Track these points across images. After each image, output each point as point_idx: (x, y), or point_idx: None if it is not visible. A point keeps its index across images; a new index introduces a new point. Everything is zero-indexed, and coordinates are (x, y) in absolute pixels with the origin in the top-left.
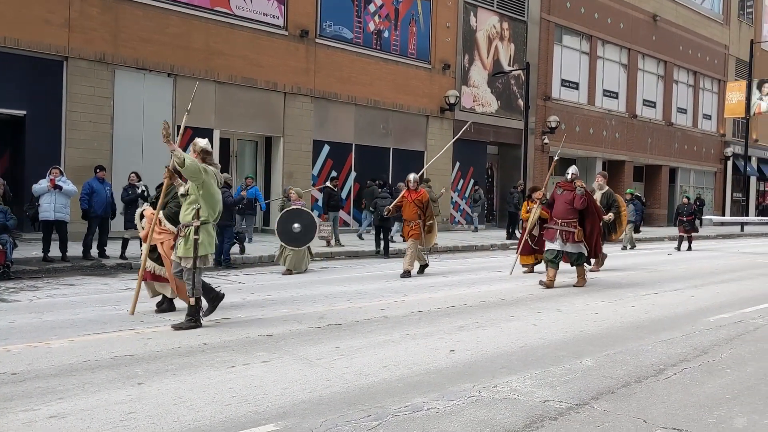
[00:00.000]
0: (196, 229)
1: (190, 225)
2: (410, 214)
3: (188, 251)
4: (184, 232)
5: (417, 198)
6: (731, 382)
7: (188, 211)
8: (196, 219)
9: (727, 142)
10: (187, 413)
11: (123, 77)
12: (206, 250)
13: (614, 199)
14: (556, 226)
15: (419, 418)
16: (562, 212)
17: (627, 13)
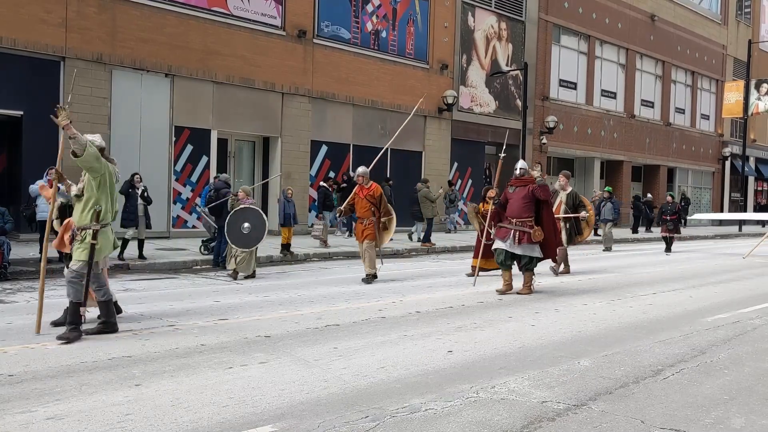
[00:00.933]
0: (94, 233)
1: (88, 228)
2: (363, 211)
3: (82, 255)
4: (81, 236)
5: (369, 194)
6: (729, 383)
7: (86, 212)
8: (95, 222)
9: (725, 142)
10: (184, 414)
11: (120, 77)
12: (101, 255)
13: (580, 200)
14: (511, 225)
15: (417, 419)
16: (517, 210)
17: (625, 13)
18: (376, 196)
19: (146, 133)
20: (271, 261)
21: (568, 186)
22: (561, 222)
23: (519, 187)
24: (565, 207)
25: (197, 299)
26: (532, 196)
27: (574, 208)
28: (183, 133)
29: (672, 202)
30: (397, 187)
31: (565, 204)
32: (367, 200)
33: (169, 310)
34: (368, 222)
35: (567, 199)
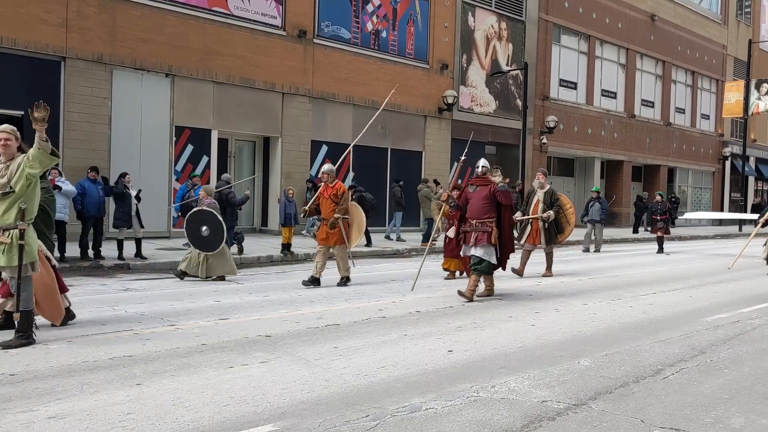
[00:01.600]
0: (21, 233)
1: (14, 228)
2: (327, 212)
3: (12, 259)
4: (5, 237)
5: (333, 193)
6: (729, 382)
7: (10, 211)
8: (21, 221)
9: (725, 142)
10: (185, 414)
11: (120, 77)
12: (32, 257)
13: (557, 198)
14: (471, 228)
15: (417, 418)
16: (477, 211)
17: (625, 13)
18: (339, 195)
19: (147, 132)
20: (271, 261)
21: (546, 184)
22: (540, 222)
23: (480, 187)
24: (543, 206)
25: (198, 299)
26: (494, 197)
27: (551, 207)
28: (183, 133)
29: (661, 202)
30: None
31: (543, 203)
32: (332, 200)
33: (169, 309)
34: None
35: (544, 198)
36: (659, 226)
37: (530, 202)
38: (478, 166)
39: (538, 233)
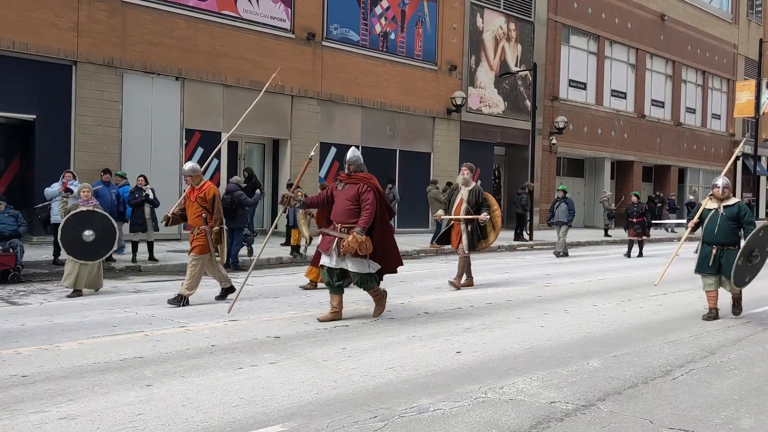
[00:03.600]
0: None
1: None
2: (193, 218)
3: None
4: None
5: (200, 196)
6: (739, 383)
7: None
8: None
9: (736, 141)
10: (195, 414)
11: (131, 81)
12: None
13: (484, 197)
14: (335, 231)
15: (425, 419)
16: (343, 213)
17: (635, 13)
18: (208, 199)
19: (157, 135)
20: (280, 262)
21: (472, 181)
22: (462, 224)
23: (348, 185)
24: (467, 206)
25: (207, 300)
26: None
27: (477, 208)
28: (194, 136)
29: (638, 203)
30: (405, 189)
31: (467, 202)
32: (199, 204)
33: (179, 311)
34: (198, 232)
35: (469, 197)
36: (636, 230)
37: (453, 201)
38: (347, 157)
39: (459, 237)
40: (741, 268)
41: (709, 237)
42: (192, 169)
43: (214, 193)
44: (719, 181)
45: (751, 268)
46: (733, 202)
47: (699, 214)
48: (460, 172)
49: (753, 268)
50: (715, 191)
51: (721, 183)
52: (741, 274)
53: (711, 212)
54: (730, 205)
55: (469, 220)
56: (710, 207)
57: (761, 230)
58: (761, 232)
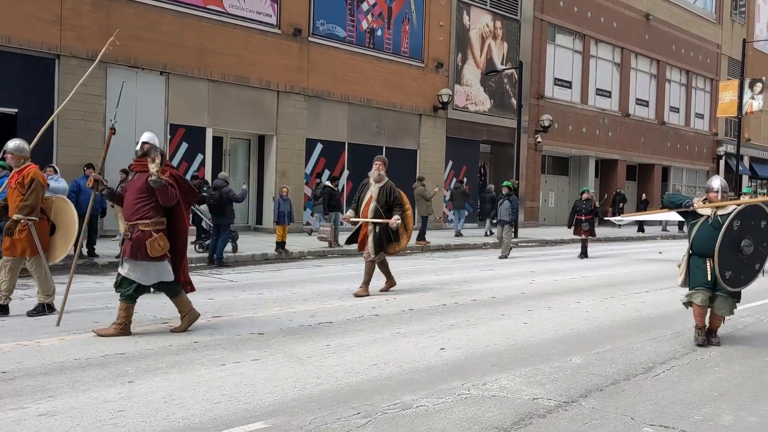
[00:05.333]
0: None
1: None
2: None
3: None
4: None
5: (19, 181)
6: (719, 380)
7: None
8: None
9: (719, 141)
10: (176, 411)
11: (115, 75)
12: None
13: (396, 195)
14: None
15: (408, 415)
16: (131, 208)
17: (620, 12)
18: (26, 184)
19: (141, 130)
20: (266, 259)
21: (384, 176)
22: (369, 226)
23: (139, 173)
24: (376, 205)
25: (191, 297)
26: None
27: (387, 207)
28: (178, 131)
29: (587, 200)
30: None
31: (376, 201)
32: (18, 191)
33: (162, 307)
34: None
35: (379, 195)
36: (585, 227)
37: (362, 198)
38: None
39: (366, 239)
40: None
41: (699, 248)
42: (16, 147)
43: (33, 176)
44: (716, 183)
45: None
46: (730, 209)
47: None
48: (374, 166)
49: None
50: (711, 196)
51: (719, 186)
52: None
53: (702, 219)
54: (727, 213)
55: (382, 223)
56: (703, 212)
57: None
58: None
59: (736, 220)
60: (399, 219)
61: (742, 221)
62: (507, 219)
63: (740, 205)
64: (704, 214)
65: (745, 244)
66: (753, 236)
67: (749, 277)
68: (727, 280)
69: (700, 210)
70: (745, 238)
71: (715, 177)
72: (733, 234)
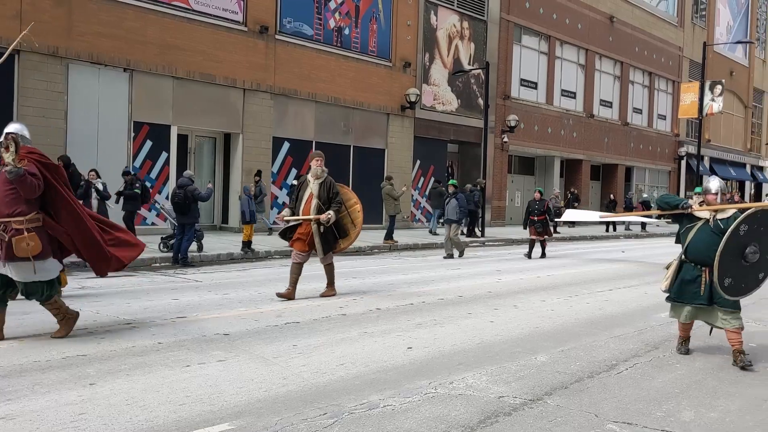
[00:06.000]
0: None
1: None
2: None
3: None
4: None
5: None
6: (680, 377)
7: None
8: None
9: (681, 141)
10: (139, 413)
11: (77, 71)
12: None
13: (336, 190)
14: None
15: (375, 415)
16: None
17: (585, 14)
18: None
19: (104, 128)
20: (231, 258)
21: (324, 173)
22: (313, 224)
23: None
24: (318, 202)
25: (155, 297)
26: None
27: (329, 204)
28: (142, 129)
29: (540, 200)
30: (359, 184)
31: (317, 198)
32: None
33: (126, 308)
34: None
35: (320, 191)
36: (537, 228)
37: (301, 196)
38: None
39: (309, 238)
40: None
41: (695, 254)
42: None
43: None
44: (714, 184)
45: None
46: (730, 213)
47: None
48: (313, 162)
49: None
50: (709, 198)
51: (717, 187)
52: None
53: (700, 224)
54: (725, 218)
55: (316, 220)
56: (701, 216)
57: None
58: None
59: (744, 224)
60: (331, 214)
61: (750, 226)
62: (454, 218)
63: (749, 209)
64: (702, 217)
65: (750, 251)
66: (760, 243)
67: (751, 286)
68: (726, 288)
69: (698, 213)
70: (752, 245)
71: (713, 178)
72: (738, 239)
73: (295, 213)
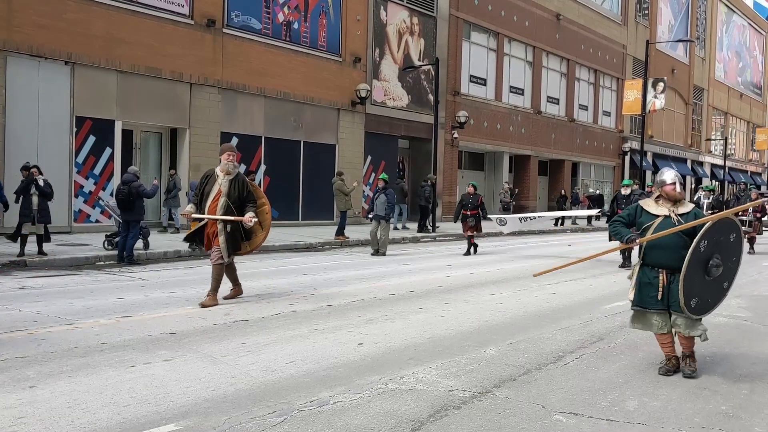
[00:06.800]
0: None
1: None
2: None
3: None
4: None
5: None
6: (624, 367)
7: None
8: None
9: (625, 137)
10: (82, 416)
11: (16, 64)
12: None
13: (249, 189)
14: None
15: (325, 412)
16: None
17: (532, 12)
18: None
19: (45, 123)
20: (179, 256)
21: (235, 169)
22: (219, 224)
23: None
24: (226, 200)
25: (99, 296)
26: None
27: (240, 202)
28: (85, 124)
29: (473, 194)
30: (310, 180)
31: (227, 196)
32: None
33: (68, 308)
34: None
35: (230, 189)
36: (470, 223)
37: (207, 192)
38: None
39: (215, 238)
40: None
41: (654, 257)
42: None
43: None
44: (669, 175)
45: (712, 286)
46: (689, 208)
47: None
48: (223, 157)
49: (715, 287)
50: (667, 189)
51: (672, 177)
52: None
53: (658, 220)
54: (685, 213)
55: (234, 221)
56: (657, 212)
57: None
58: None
59: (703, 240)
60: (255, 216)
61: (709, 240)
62: (382, 214)
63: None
64: (660, 214)
65: (713, 264)
66: (721, 252)
67: (716, 299)
68: (693, 309)
69: (655, 210)
70: (714, 257)
71: (666, 169)
72: (699, 256)
73: (200, 211)
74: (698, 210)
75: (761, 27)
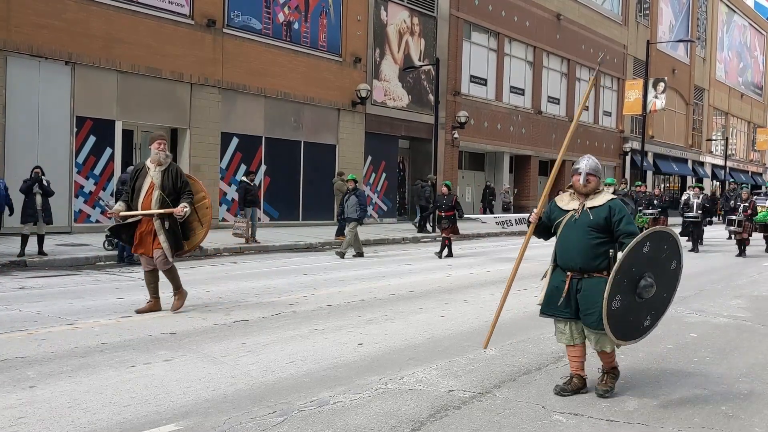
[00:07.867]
0: None
1: None
2: None
3: None
4: None
5: None
6: (624, 367)
7: None
8: None
9: (625, 138)
10: (82, 416)
11: (16, 65)
12: None
13: (184, 180)
14: None
15: (325, 412)
16: None
17: (532, 12)
18: None
19: (45, 123)
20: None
21: (167, 159)
22: (155, 221)
23: None
24: (160, 193)
25: (99, 296)
26: None
27: (176, 195)
28: (85, 124)
29: (448, 195)
30: (310, 180)
31: (160, 188)
32: None
33: (68, 308)
34: None
35: (163, 180)
36: (444, 224)
37: (138, 187)
38: None
39: (151, 238)
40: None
41: (561, 257)
42: None
43: None
44: (582, 163)
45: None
46: (604, 200)
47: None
48: (154, 146)
49: (650, 306)
50: (573, 180)
51: (585, 166)
52: (624, 318)
53: (567, 216)
54: (597, 206)
55: (166, 214)
56: (567, 207)
57: (646, 241)
58: (647, 245)
59: (648, 241)
60: (187, 207)
61: (652, 245)
62: (354, 216)
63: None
64: (569, 209)
65: (644, 285)
66: (656, 276)
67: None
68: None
69: (566, 205)
70: (646, 276)
71: (584, 156)
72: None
73: (132, 208)
74: (615, 202)
75: (762, 27)
